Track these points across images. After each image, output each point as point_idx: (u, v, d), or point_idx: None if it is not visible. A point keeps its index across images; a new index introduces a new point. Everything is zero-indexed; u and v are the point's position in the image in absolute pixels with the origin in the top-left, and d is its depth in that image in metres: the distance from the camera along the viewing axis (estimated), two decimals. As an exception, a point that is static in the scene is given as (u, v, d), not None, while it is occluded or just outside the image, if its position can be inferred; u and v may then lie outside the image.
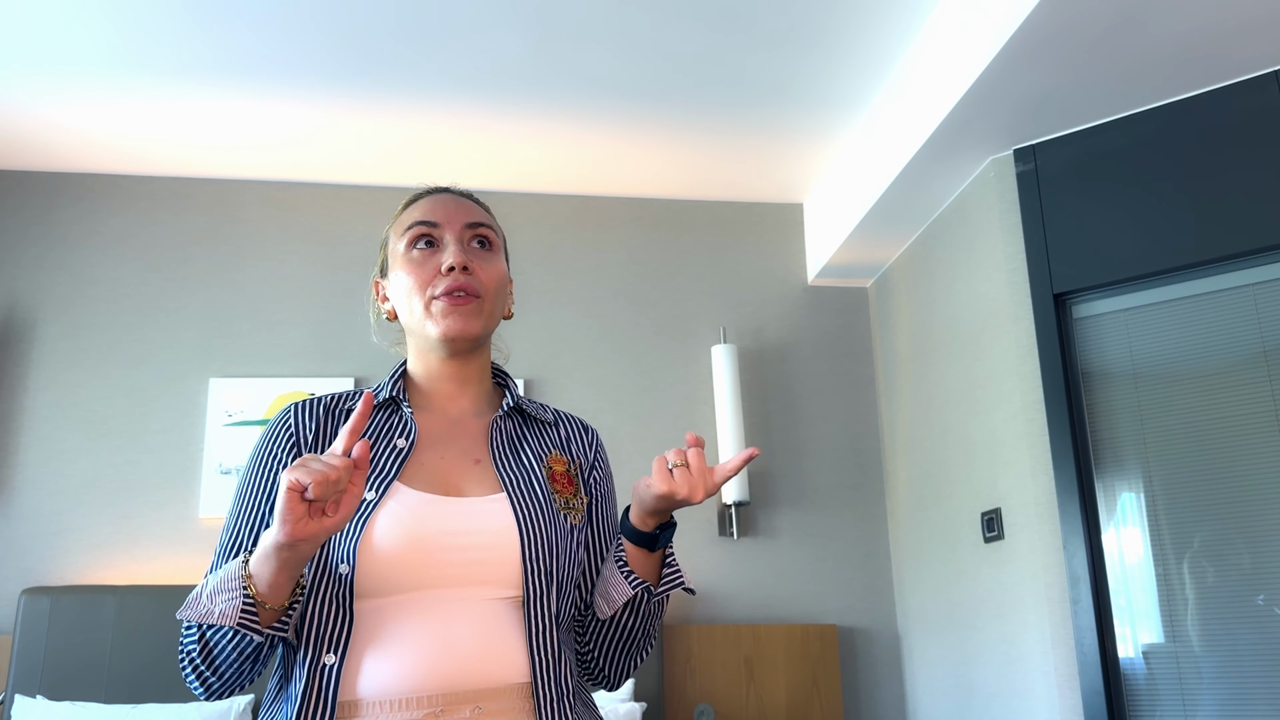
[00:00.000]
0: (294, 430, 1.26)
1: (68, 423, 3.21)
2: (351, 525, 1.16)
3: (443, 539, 1.16)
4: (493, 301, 1.29)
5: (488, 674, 1.14)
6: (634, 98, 3.10)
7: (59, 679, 2.82)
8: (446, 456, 1.26)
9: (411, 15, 2.70)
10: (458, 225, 1.30)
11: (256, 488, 1.24)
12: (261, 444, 1.27)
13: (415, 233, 1.30)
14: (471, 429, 1.30)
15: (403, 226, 1.32)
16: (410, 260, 1.29)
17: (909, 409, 3.38)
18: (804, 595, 3.39)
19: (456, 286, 1.25)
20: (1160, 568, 2.51)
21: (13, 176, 3.41)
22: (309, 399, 1.30)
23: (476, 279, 1.27)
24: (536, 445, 1.32)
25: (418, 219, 1.30)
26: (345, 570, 1.14)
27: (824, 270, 3.60)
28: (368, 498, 1.18)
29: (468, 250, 1.29)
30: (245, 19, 2.70)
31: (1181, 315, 2.59)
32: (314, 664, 1.12)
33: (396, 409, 1.30)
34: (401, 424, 1.27)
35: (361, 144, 3.31)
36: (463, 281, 1.25)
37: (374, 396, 1.27)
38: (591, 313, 3.56)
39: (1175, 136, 2.62)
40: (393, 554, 1.14)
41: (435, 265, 1.27)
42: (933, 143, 2.79)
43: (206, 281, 3.41)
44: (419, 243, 1.29)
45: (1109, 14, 2.29)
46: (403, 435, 1.26)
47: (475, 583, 1.17)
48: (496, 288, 1.30)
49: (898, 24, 2.78)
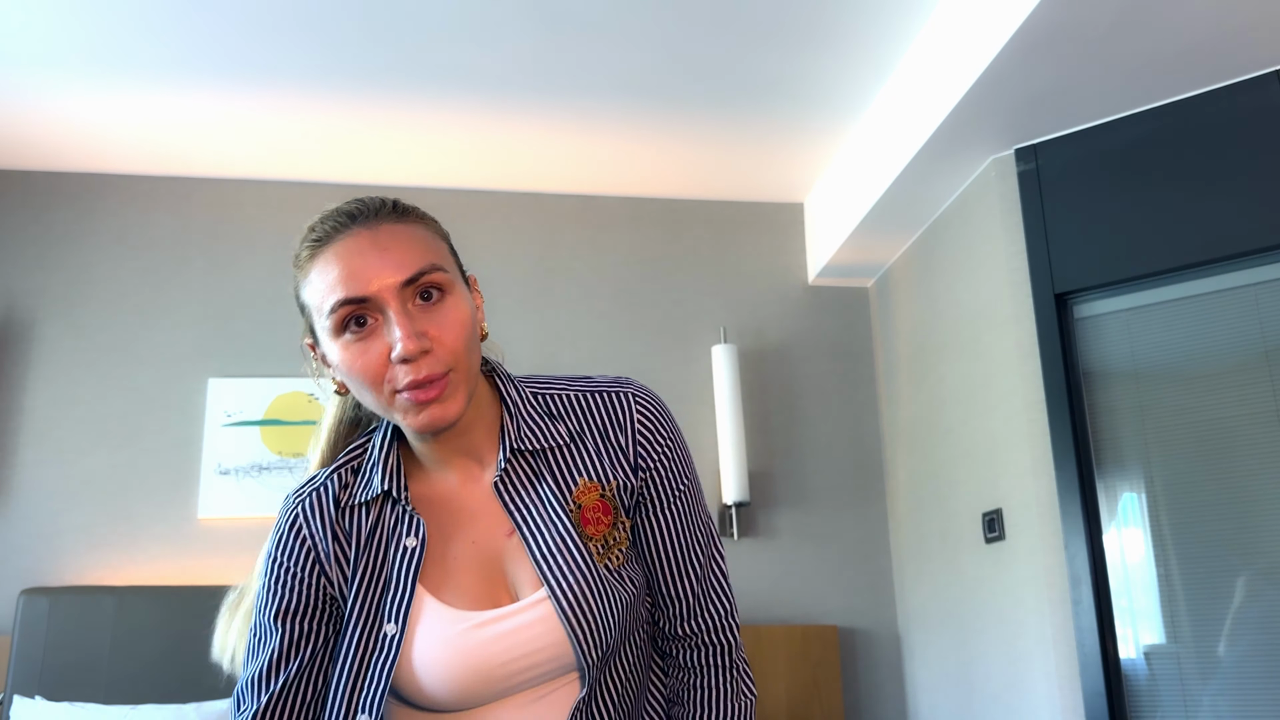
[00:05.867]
0: (309, 540, 1.12)
1: (67, 423, 3.20)
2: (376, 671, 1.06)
3: (496, 670, 1.05)
4: (465, 360, 1.05)
5: None
6: (634, 98, 3.09)
7: (58, 679, 2.82)
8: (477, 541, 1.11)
9: (412, 16, 2.70)
10: (392, 289, 1.02)
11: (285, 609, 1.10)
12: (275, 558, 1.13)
13: (341, 316, 1.03)
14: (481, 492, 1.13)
15: (320, 296, 1.04)
16: (347, 348, 1.03)
17: (909, 409, 3.37)
18: (804, 595, 3.39)
19: (419, 380, 1.01)
20: (1161, 568, 2.51)
21: (12, 176, 3.41)
22: (310, 494, 1.14)
23: (437, 351, 1.02)
24: (556, 482, 1.12)
25: (341, 296, 1.02)
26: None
27: (824, 270, 3.60)
28: (387, 633, 1.06)
29: (415, 314, 1.03)
30: (245, 19, 2.69)
31: (1182, 315, 2.59)
32: None
33: (393, 501, 1.12)
34: (407, 519, 1.11)
35: (361, 144, 3.31)
36: (424, 372, 1.01)
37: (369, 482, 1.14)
38: (591, 313, 3.55)
39: (1176, 136, 2.61)
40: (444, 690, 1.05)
41: (381, 353, 1.02)
42: (933, 142, 2.78)
43: (206, 281, 3.40)
44: (350, 326, 1.03)
45: (1110, 14, 2.29)
46: (411, 533, 1.10)
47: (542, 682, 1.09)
48: (465, 342, 1.05)
49: (898, 24, 2.77)
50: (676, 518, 1.16)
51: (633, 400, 1.16)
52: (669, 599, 1.17)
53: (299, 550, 1.11)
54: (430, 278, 1.04)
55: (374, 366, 1.02)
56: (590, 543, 1.09)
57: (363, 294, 1.02)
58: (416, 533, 1.10)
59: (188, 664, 2.87)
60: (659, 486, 1.15)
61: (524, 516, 1.10)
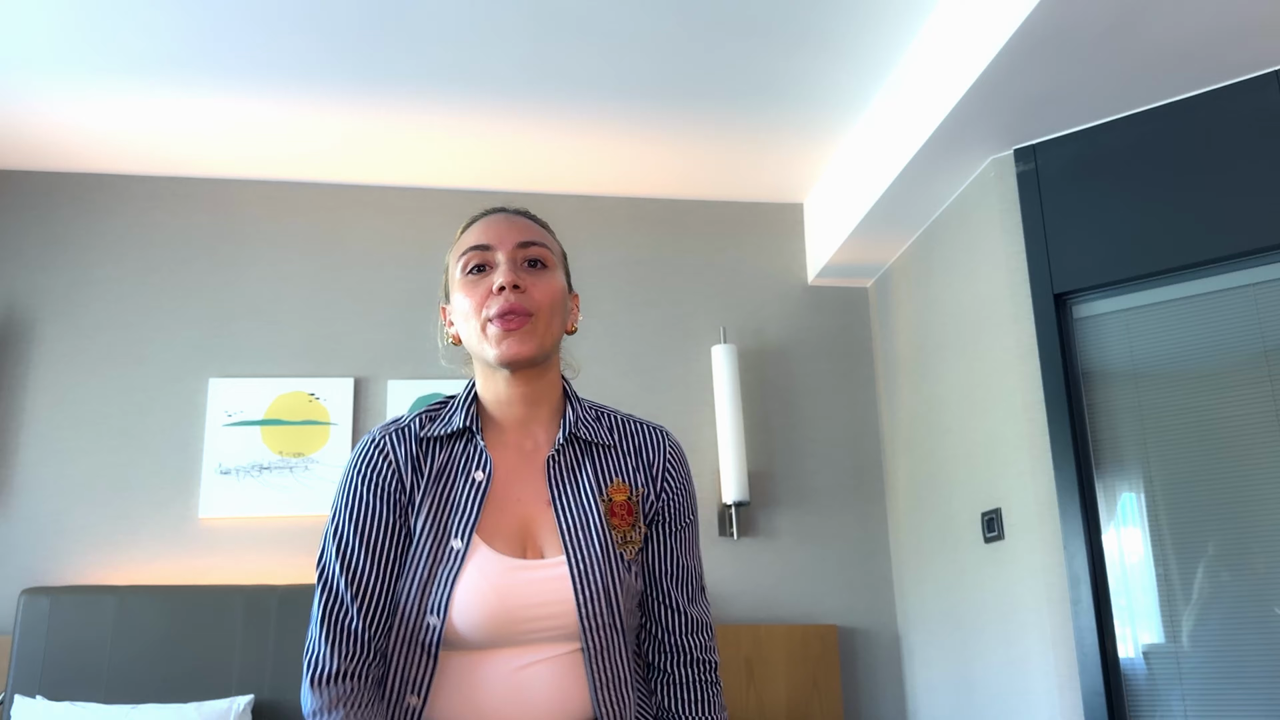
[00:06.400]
0: (393, 460, 1.29)
1: (68, 423, 3.21)
2: (443, 579, 1.22)
3: (519, 612, 1.22)
4: (548, 318, 1.30)
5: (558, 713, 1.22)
6: (634, 98, 3.10)
7: (59, 679, 2.82)
8: (522, 499, 1.29)
9: (411, 16, 2.70)
10: (509, 245, 1.31)
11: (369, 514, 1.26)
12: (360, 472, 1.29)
13: (469, 258, 1.31)
14: (534, 464, 1.33)
15: (459, 252, 1.34)
16: (465, 284, 1.31)
17: (909, 409, 3.38)
18: (804, 595, 3.39)
19: (508, 309, 1.26)
20: (1160, 568, 2.51)
21: (13, 176, 3.41)
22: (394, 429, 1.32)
23: (529, 297, 1.28)
24: (595, 474, 1.33)
25: (471, 244, 1.32)
26: (435, 622, 1.21)
27: (824, 270, 3.60)
28: (454, 547, 1.24)
29: (520, 269, 1.30)
30: (245, 19, 2.70)
31: (1182, 315, 2.59)
32: (398, 704, 1.21)
33: (471, 439, 1.32)
34: (478, 456, 1.30)
35: (361, 144, 3.31)
36: (514, 303, 1.26)
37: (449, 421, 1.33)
38: (591, 313, 3.56)
39: (1175, 136, 2.62)
40: (474, 619, 1.21)
41: (488, 287, 1.29)
42: (933, 143, 2.79)
43: (206, 281, 3.41)
44: (472, 267, 1.31)
45: (1109, 14, 2.29)
46: (480, 468, 1.29)
47: (546, 641, 1.23)
48: (551, 304, 1.30)
49: (898, 24, 2.78)
50: (682, 543, 1.37)
51: (666, 436, 1.40)
52: (669, 609, 1.35)
53: (383, 466, 1.27)
54: (540, 251, 1.32)
55: (479, 296, 1.29)
56: (612, 531, 1.28)
57: (488, 243, 1.31)
58: (485, 468, 1.29)
59: (188, 663, 2.87)
60: (673, 512, 1.37)
61: (561, 492, 1.30)
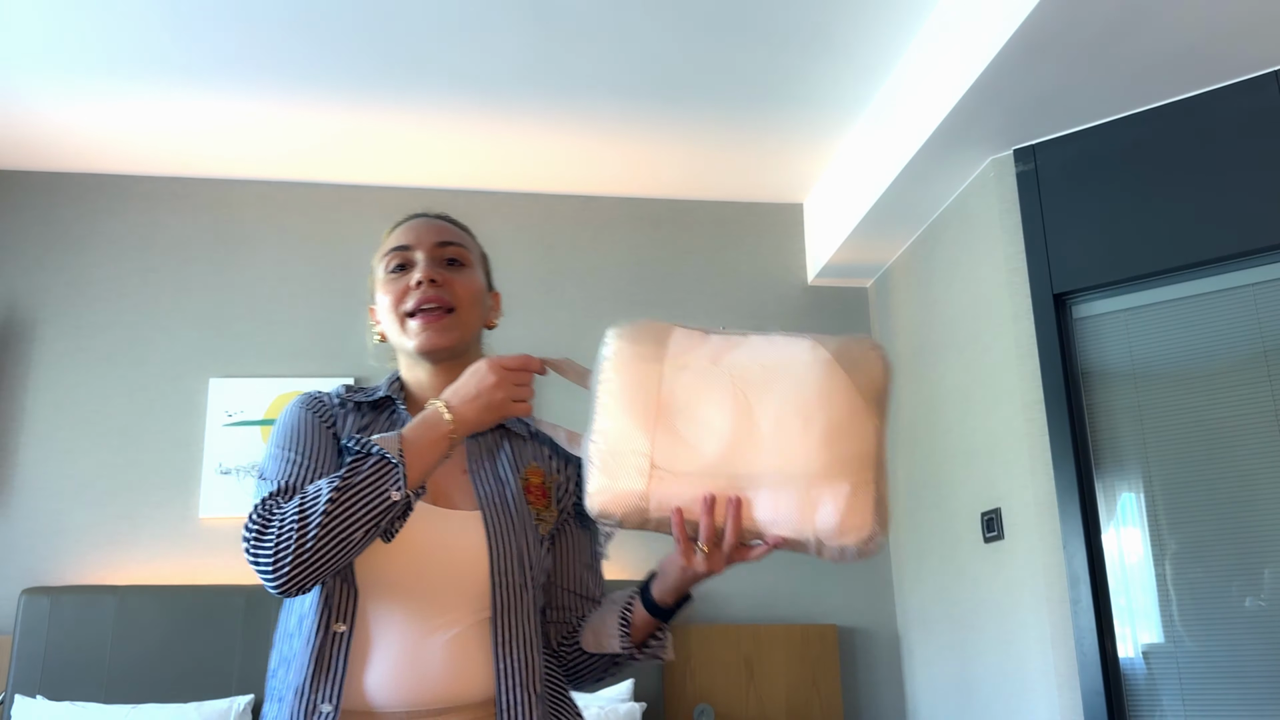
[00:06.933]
0: (329, 409, 1.34)
1: (68, 423, 3.21)
2: None
3: (429, 553, 1.24)
4: (468, 312, 1.36)
5: (456, 690, 1.21)
6: (634, 98, 3.10)
7: (59, 679, 2.82)
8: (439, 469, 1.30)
9: (411, 16, 2.70)
10: (428, 244, 1.38)
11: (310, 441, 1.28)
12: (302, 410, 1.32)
13: (391, 258, 1.38)
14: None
15: (381, 254, 1.41)
16: (387, 282, 1.38)
17: (909, 409, 3.38)
18: (804, 595, 3.39)
19: (425, 300, 1.33)
20: (1160, 568, 2.51)
21: (13, 176, 3.41)
22: (317, 392, 1.38)
23: (448, 290, 1.35)
24: (512, 456, 1.38)
25: (392, 245, 1.39)
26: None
27: (824, 270, 3.60)
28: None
29: (438, 266, 1.37)
30: (245, 20, 2.70)
31: (1181, 315, 2.59)
32: (324, 631, 1.21)
33: (393, 409, 1.38)
34: (399, 421, 1.36)
35: (361, 144, 3.31)
36: (432, 294, 1.33)
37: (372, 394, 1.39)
38: (591, 313, 3.56)
39: (1175, 136, 2.62)
40: (387, 551, 1.22)
41: (407, 283, 1.35)
42: (933, 143, 2.79)
43: (206, 281, 3.41)
44: (394, 266, 1.37)
45: (1109, 14, 2.29)
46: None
47: (447, 593, 1.24)
48: (470, 298, 1.37)
49: (898, 24, 2.78)
50: (596, 535, 1.44)
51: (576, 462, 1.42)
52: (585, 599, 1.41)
53: (323, 410, 1.33)
54: (458, 251, 1.39)
55: (398, 292, 1.35)
56: (528, 506, 1.33)
57: (407, 244, 1.38)
58: None
59: (188, 663, 2.88)
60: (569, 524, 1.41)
61: (479, 465, 1.35)
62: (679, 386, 1.19)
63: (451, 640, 1.22)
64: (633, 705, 2.84)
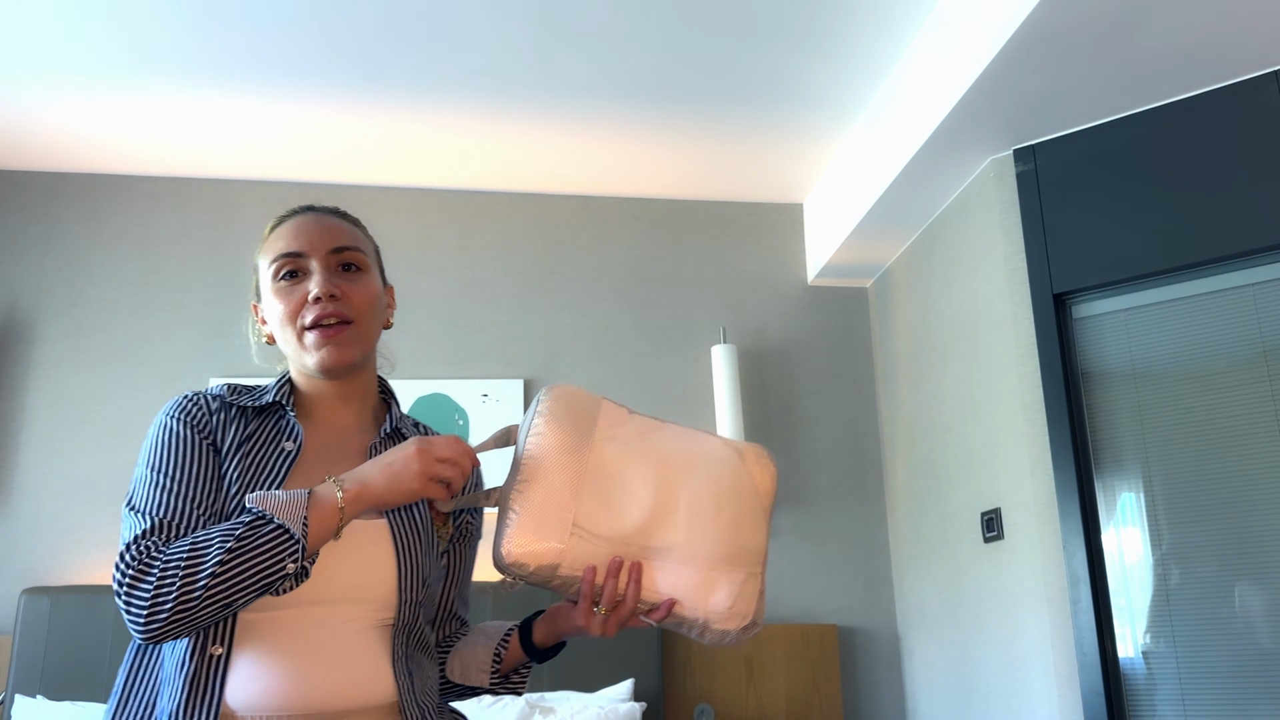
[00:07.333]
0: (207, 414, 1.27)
1: (68, 423, 3.21)
2: None
3: (332, 563, 1.20)
4: (367, 323, 1.31)
5: (355, 695, 1.19)
6: (634, 98, 3.10)
7: (59, 679, 2.82)
8: (333, 473, 1.27)
9: (411, 16, 2.70)
10: (322, 251, 1.30)
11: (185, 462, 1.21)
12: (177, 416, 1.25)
13: (281, 265, 1.30)
14: (354, 445, 1.33)
15: (269, 256, 1.32)
16: (278, 290, 1.30)
17: (909, 409, 3.38)
18: (804, 595, 3.39)
19: (325, 315, 1.27)
20: (1160, 568, 2.51)
21: (13, 176, 3.42)
22: (198, 393, 1.31)
23: (347, 303, 1.29)
24: None
25: (282, 250, 1.31)
26: None
27: (824, 270, 3.60)
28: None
29: (334, 275, 1.30)
30: (245, 20, 2.70)
31: (1181, 315, 2.59)
32: (200, 654, 1.15)
33: (282, 414, 1.32)
34: (288, 428, 1.30)
35: (361, 144, 3.31)
36: (331, 309, 1.27)
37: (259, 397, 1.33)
38: (591, 313, 3.56)
39: (1175, 136, 2.62)
40: None
41: (303, 295, 1.28)
42: (932, 143, 2.79)
43: (207, 282, 3.41)
44: (285, 273, 1.30)
45: (1109, 14, 2.29)
46: (290, 438, 1.29)
47: (350, 601, 1.21)
48: (369, 308, 1.31)
49: (898, 24, 2.78)
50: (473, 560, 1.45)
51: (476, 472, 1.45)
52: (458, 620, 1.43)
53: (199, 415, 1.26)
54: (354, 256, 1.33)
55: (293, 305, 1.29)
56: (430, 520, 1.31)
57: (300, 249, 1.30)
58: (295, 439, 1.28)
59: (188, 663, 2.88)
60: (475, 529, 1.43)
61: None
62: (608, 455, 1.25)
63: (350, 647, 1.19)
64: (633, 705, 2.84)
